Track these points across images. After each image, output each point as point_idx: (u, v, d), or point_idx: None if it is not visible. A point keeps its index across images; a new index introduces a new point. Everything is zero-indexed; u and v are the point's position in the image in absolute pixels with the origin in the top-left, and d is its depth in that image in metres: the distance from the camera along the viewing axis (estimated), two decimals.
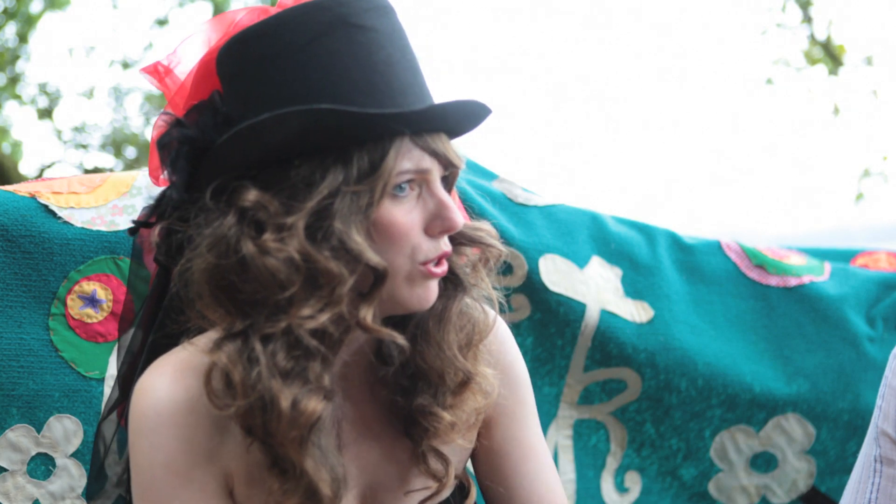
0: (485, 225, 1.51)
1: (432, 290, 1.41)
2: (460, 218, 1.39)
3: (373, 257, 1.32)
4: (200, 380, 1.37)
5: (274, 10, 1.40)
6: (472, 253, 1.50)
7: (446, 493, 1.52)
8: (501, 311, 1.56)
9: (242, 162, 1.34)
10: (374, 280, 1.35)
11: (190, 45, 1.52)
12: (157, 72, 1.53)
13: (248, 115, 1.34)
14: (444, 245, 1.40)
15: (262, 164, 1.34)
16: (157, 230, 1.43)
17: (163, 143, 1.41)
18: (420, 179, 1.38)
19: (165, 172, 1.41)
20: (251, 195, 1.32)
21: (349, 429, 1.47)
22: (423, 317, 1.47)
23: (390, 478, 1.50)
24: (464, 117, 1.41)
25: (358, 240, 1.32)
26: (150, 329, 1.51)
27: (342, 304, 1.33)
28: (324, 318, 1.32)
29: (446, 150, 1.39)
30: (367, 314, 1.35)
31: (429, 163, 1.37)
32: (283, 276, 1.31)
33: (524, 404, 1.61)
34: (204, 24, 1.51)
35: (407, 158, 1.35)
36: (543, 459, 1.60)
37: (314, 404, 1.32)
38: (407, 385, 1.47)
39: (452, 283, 1.48)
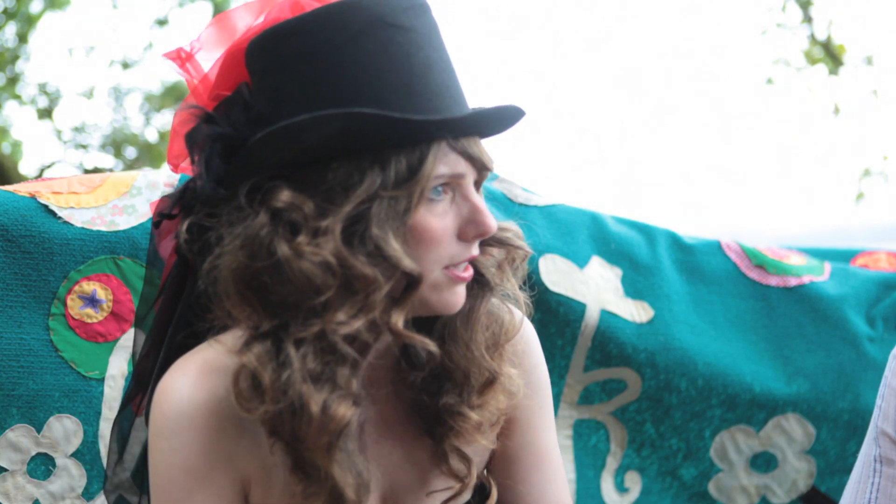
0: (511, 225, 1.51)
1: (460, 294, 1.40)
2: (494, 222, 1.39)
3: (409, 264, 1.31)
4: (224, 380, 1.36)
5: (308, 5, 1.39)
6: (497, 253, 1.49)
7: (468, 495, 1.52)
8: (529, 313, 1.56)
9: (277, 162, 1.32)
10: (406, 285, 1.34)
11: (214, 31, 1.50)
12: (180, 57, 1.50)
13: (283, 114, 1.32)
14: (474, 249, 1.39)
15: (296, 164, 1.32)
16: (184, 224, 1.40)
17: (193, 137, 1.38)
18: (454, 183, 1.37)
19: (194, 167, 1.39)
20: (285, 196, 1.31)
21: (371, 429, 1.47)
22: (450, 316, 1.46)
23: (412, 478, 1.49)
24: (500, 121, 1.40)
25: (395, 246, 1.30)
26: (169, 323, 1.49)
27: (376, 309, 1.32)
28: (358, 323, 1.31)
29: (481, 154, 1.38)
30: (399, 319, 1.34)
31: (464, 167, 1.36)
32: (318, 281, 1.29)
33: (543, 410, 1.59)
34: (230, 12, 1.50)
35: (444, 163, 1.34)
36: (556, 467, 1.60)
37: (344, 410, 1.31)
38: (432, 384, 1.46)
39: (479, 284, 1.47)
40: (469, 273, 1.40)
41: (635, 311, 2.26)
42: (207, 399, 1.36)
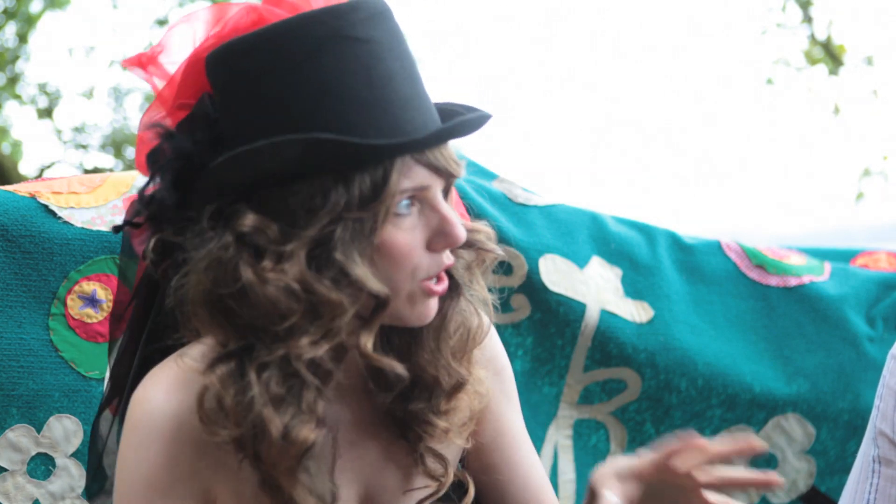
0: (482, 226, 1.48)
1: (432, 307, 1.38)
2: (463, 231, 1.36)
3: (375, 285, 1.30)
4: (193, 395, 1.35)
5: (266, 11, 1.37)
6: (466, 255, 1.46)
7: (443, 491, 1.52)
8: (496, 311, 1.55)
9: (239, 185, 1.31)
10: (374, 307, 1.32)
11: (178, 34, 1.46)
12: (141, 62, 1.47)
13: (243, 136, 1.31)
14: (447, 258, 1.37)
15: (259, 186, 1.31)
16: (151, 241, 1.39)
17: (155, 157, 1.36)
18: (420, 196, 1.34)
19: (155, 186, 1.37)
20: (249, 219, 1.29)
21: (347, 431, 1.46)
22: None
23: (389, 478, 1.49)
24: (465, 130, 1.37)
25: (361, 269, 1.28)
26: (139, 334, 1.48)
27: (342, 333, 1.31)
28: (322, 349, 1.30)
29: (447, 164, 1.34)
30: (368, 342, 1.32)
31: (429, 178, 1.33)
32: (282, 306, 1.28)
33: (509, 396, 1.60)
34: (193, 14, 1.46)
35: (408, 177, 1.30)
36: (530, 448, 1.61)
37: (306, 433, 1.30)
38: (402, 389, 1.45)
39: (448, 287, 1.43)
40: (443, 286, 1.38)
41: (635, 311, 2.26)
42: (177, 412, 1.36)
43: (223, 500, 1.40)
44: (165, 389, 1.37)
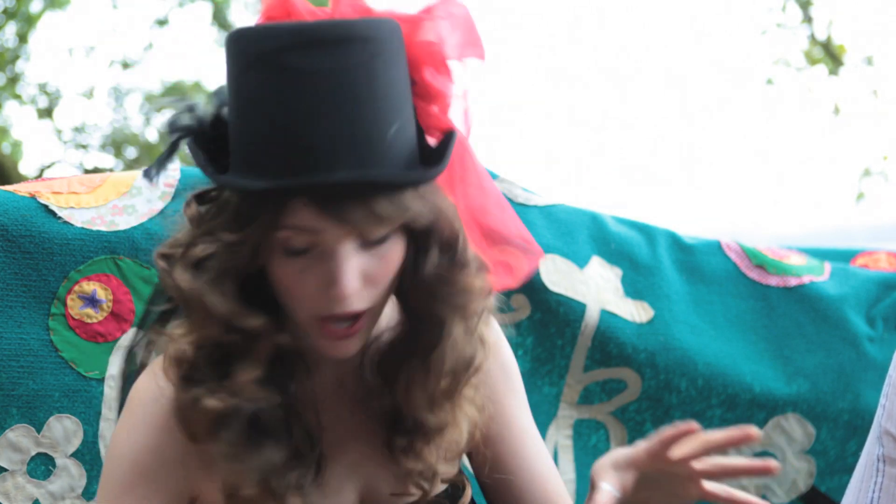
0: (481, 278, 1.41)
1: (340, 348, 1.35)
2: (350, 302, 1.29)
3: (226, 313, 1.31)
4: None
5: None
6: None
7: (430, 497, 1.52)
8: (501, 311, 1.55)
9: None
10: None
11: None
12: None
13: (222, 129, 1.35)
14: (341, 309, 1.30)
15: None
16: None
17: (171, 126, 1.39)
18: (315, 241, 1.28)
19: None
20: (189, 210, 1.37)
21: (344, 432, 1.48)
22: (403, 354, 1.42)
23: (382, 482, 1.50)
24: (361, 189, 1.27)
25: (219, 299, 1.31)
26: None
27: (211, 329, 1.33)
28: (188, 340, 1.34)
29: (352, 216, 1.25)
30: (249, 375, 1.33)
31: (320, 224, 1.26)
32: (174, 294, 1.35)
33: (515, 392, 1.60)
34: None
35: (293, 216, 1.27)
36: (538, 443, 1.61)
37: (213, 403, 1.32)
38: (388, 416, 1.45)
39: (437, 326, 1.39)
40: (347, 332, 1.33)
41: (635, 311, 2.26)
42: (170, 399, 1.39)
43: (208, 491, 1.43)
44: (162, 379, 1.40)
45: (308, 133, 1.24)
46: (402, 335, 1.43)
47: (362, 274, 1.30)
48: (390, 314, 1.46)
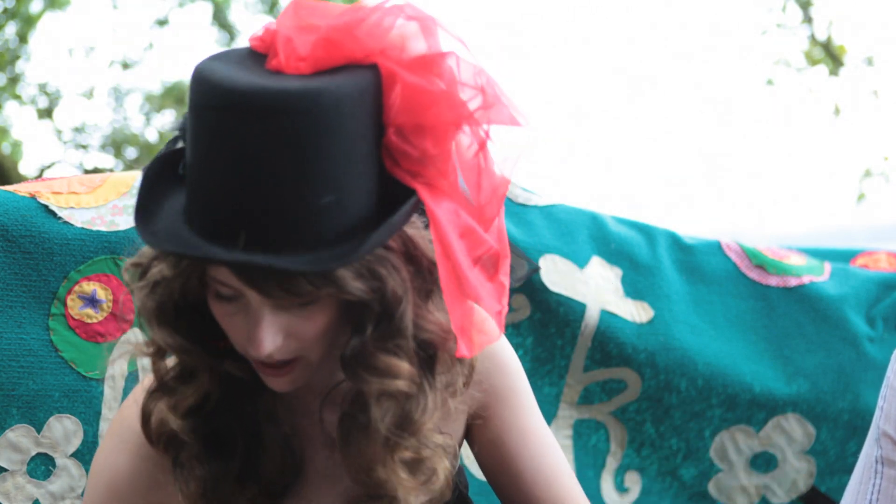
0: (402, 378, 1.33)
1: (279, 382, 1.34)
2: (261, 352, 1.27)
3: (165, 345, 1.34)
4: None
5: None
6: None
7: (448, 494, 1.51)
8: None
9: None
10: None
11: None
12: None
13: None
14: (267, 357, 1.28)
15: None
16: None
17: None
18: (240, 292, 1.26)
19: None
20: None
21: (326, 440, 1.47)
22: (345, 401, 1.39)
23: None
24: (261, 271, 1.23)
25: (160, 333, 1.33)
26: None
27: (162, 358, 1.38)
28: (154, 358, 1.38)
29: (264, 283, 1.23)
30: (185, 401, 1.36)
31: (239, 287, 1.25)
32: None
33: (515, 391, 1.56)
34: None
35: (216, 270, 1.26)
36: (544, 442, 1.57)
37: (168, 419, 1.36)
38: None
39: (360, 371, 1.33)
40: (273, 371, 1.32)
41: (635, 312, 2.26)
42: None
43: None
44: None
45: (223, 202, 1.21)
46: (345, 404, 1.39)
47: (283, 329, 1.27)
48: None
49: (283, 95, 1.19)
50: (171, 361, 1.39)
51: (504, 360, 1.57)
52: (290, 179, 1.19)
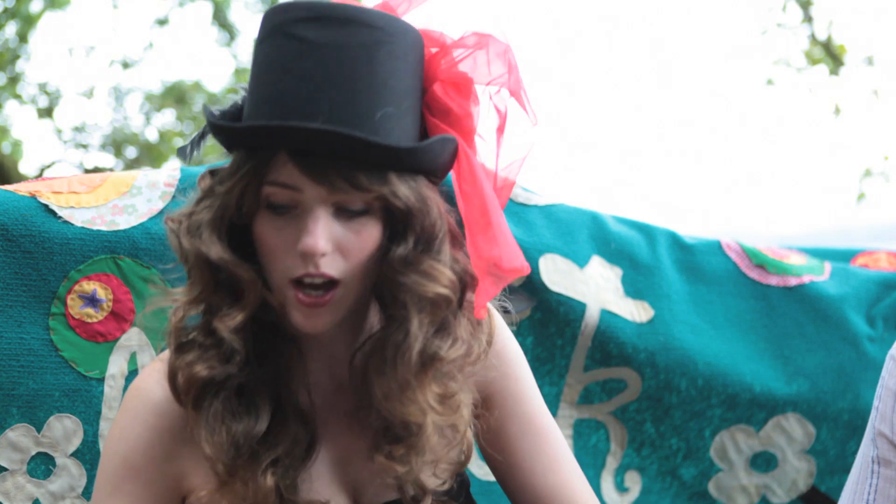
0: (444, 281, 1.41)
1: (310, 319, 1.39)
2: (317, 245, 1.34)
3: (217, 258, 1.37)
4: None
5: None
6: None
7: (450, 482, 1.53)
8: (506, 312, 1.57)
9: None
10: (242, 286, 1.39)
11: None
12: None
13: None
14: (312, 266, 1.35)
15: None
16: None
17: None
18: (297, 199, 1.36)
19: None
20: (203, 183, 1.44)
21: (339, 428, 1.50)
22: (373, 348, 1.45)
23: (375, 475, 1.51)
24: (334, 145, 1.34)
25: (212, 245, 1.37)
26: None
27: (207, 296, 1.40)
28: (190, 306, 1.41)
29: (326, 174, 1.34)
30: (233, 320, 1.38)
31: (301, 182, 1.35)
32: (178, 254, 1.42)
33: (519, 380, 1.61)
34: None
35: (278, 173, 1.36)
36: (547, 433, 1.61)
37: (198, 369, 1.38)
38: (384, 427, 1.46)
39: (398, 315, 1.42)
40: (311, 300, 1.37)
41: (635, 311, 2.26)
42: (161, 400, 1.46)
43: (197, 493, 1.47)
44: (155, 379, 1.47)
45: (300, 91, 1.33)
46: (379, 335, 1.45)
47: (334, 240, 1.36)
48: (376, 322, 1.50)
49: (360, 10, 1.36)
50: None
51: (506, 348, 1.61)
52: (364, 80, 1.34)
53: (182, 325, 1.42)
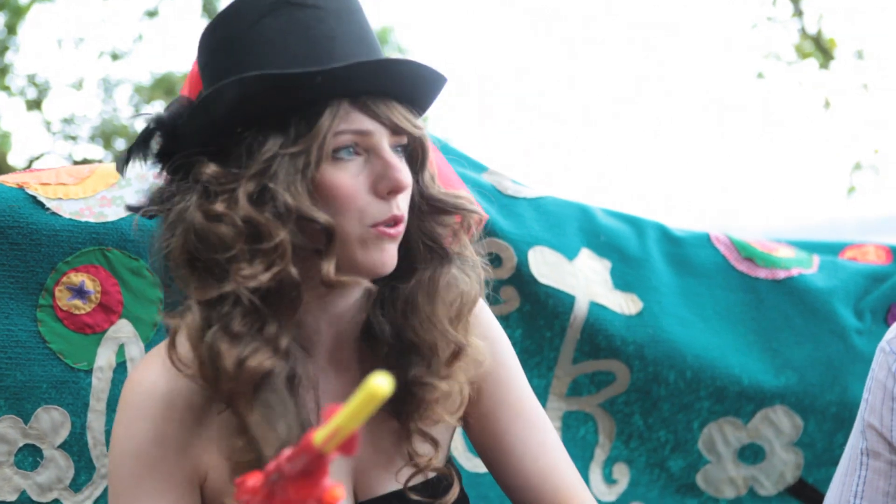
0: (464, 192, 1.54)
1: (389, 252, 1.43)
2: (406, 178, 1.42)
3: (315, 213, 1.37)
4: (183, 377, 1.42)
5: None
6: (455, 222, 1.52)
7: (432, 472, 1.55)
8: (486, 282, 1.58)
9: (199, 138, 1.40)
10: (325, 237, 1.38)
11: None
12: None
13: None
14: (396, 208, 1.42)
15: (216, 138, 1.40)
16: (137, 215, 1.50)
17: (139, 139, 1.47)
18: (365, 144, 1.41)
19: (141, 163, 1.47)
20: (207, 169, 1.39)
21: (338, 401, 1.49)
22: (412, 290, 1.50)
23: (378, 456, 1.52)
24: (403, 80, 1.42)
25: (295, 198, 1.36)
26: None
27: (285, 262, 1.37)
28: (265, 276, 1.36)
29: (391, 113, 1.41)
30: (329, 268, 1.38)
31: (370, 125, 1.40)
32: (227, 240, 1.36)
33: (507, 367, 1.64)
34: None
35: (344, 120, 1.38)
36: (535, 419, 1.63)
37: (259, 360, 1.36)
38: (399, 359, 1.50)
39: (438, 255, 1.51)
40: (397, 230, 1.43)
41: (624, 303, 2.26)
42: (167, 391, 1.44)
43: (213, 474, 1.45)
44: (157, 372, 1.45)
45: (343, 45, 1.40)
46: (405, 283, 1.51)
47: None
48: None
49: None
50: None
51: (495, 338, 1.64)
52: (370, 35, 1.45)
53: (234, 309, 1.38)
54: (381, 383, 0.93)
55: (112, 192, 1.92)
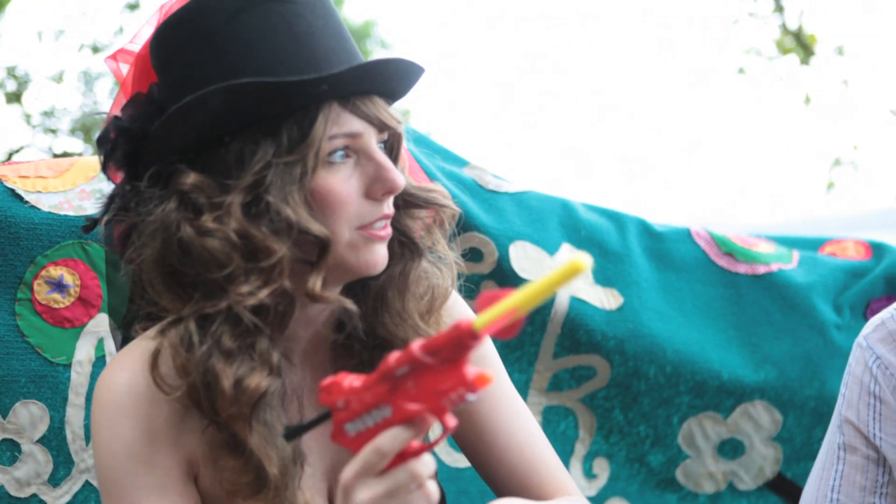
0: (436, 186, 1.53)
1: (379, 253, 1.42)
2: (401, 178, 1.40)
3: (313, 226, 1.34)
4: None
5: None
6: (426, 216, 1.51)
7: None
8: (459, 275, 1.58)
9: (176, 146, 1.36)
10: (319, 249, 1.36)
11: (149, 27, 1.52)
12: (115, 58, 1.55)
13: (179, 101, 1.35)
14: (387, 208, 1.41)
15: (196, 146, 1.35)
16: (102, 223, 1.45)
17: (100, 139, 1.41)
18: (355, 145, 1.38)
19: (106, 167, 1.42)
20: (189, 178, 1.34)
21: (313, 406, 1.49)
22: (382, 285, 1.49)
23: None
24: (390, 77, 1.41)
25: (295, 210, 1.33)
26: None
27: (283, 278, 1.34)
28: (264, 293, 1.33)
29: (378, 112, 1.39)
30: (316, 283, 1.36)
31: (360, 126, 1.38)
32: (221, 256, 1.32)
33: (487, 361, 1.63)
34: (164, 5, 1.51)
35: (336, 123, 1.35)
36: (516, 408, 1.63)
37: (257, 380, 1.34)
38: (372, 356, 1.48)
39: (409, 249, 1.50)
40: (387, 232, 1.42)
41: (605, 298, 2.26)
42: (146, 387, 1.39)
43: (202, 471, 1.43)
44: (131, 370, 1.40)
45: (323, 42, 1.37)
46: (375, 279, 1.48)
47: None
48: None
49: None
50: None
51: None
52: (343, 27, 1.43)
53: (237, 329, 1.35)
54: (582, 258, 0.93)
55: (91, 186, 1.92)
